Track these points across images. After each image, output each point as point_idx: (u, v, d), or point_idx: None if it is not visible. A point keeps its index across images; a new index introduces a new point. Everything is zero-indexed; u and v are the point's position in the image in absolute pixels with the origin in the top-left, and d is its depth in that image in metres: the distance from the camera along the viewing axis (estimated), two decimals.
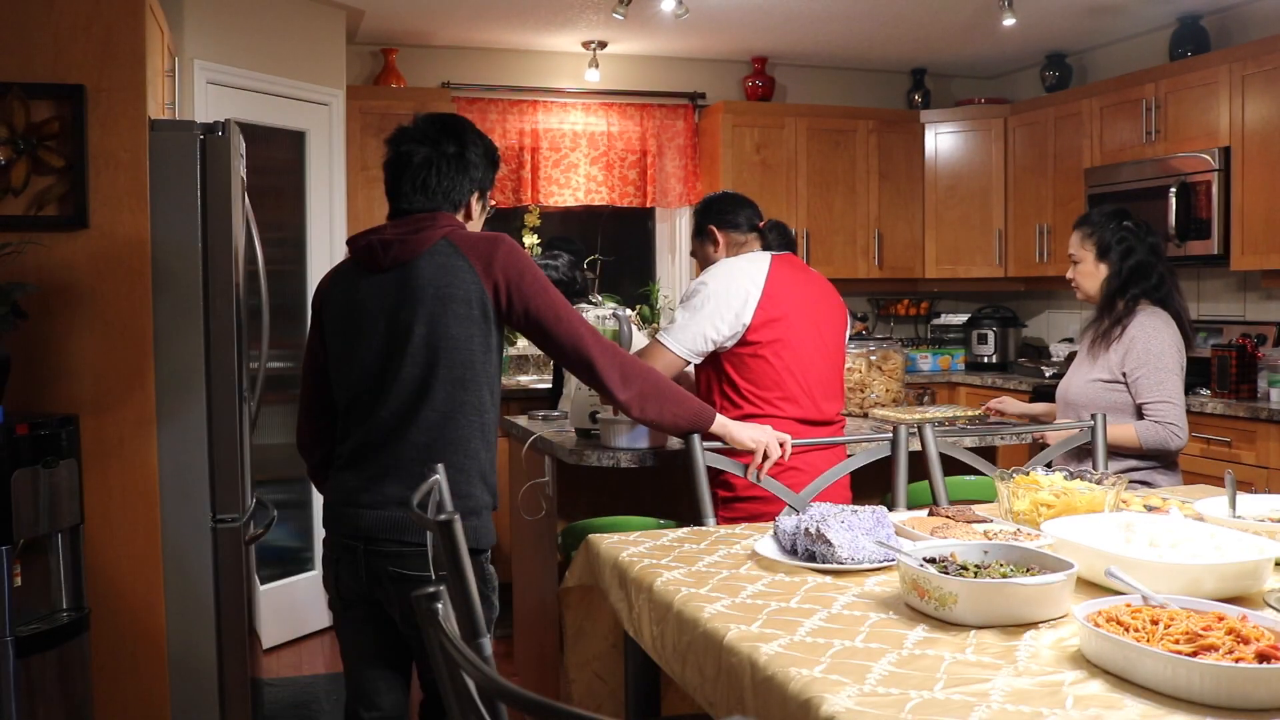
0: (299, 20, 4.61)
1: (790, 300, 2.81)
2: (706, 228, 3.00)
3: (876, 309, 6.44)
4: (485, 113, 5.66)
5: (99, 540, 2.77)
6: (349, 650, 2.25)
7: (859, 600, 1.72)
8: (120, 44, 2.77)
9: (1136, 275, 3.08)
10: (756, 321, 2.76)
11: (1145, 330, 3.00)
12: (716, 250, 2.98)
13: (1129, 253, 3.09)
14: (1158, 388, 2.96)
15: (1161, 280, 3.09)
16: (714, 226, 2.98)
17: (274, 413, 4.28)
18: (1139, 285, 3.07)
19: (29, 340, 2.70)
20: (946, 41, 5.68)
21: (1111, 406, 3.01)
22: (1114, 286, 3.10)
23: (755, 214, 3.01)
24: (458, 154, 2.22)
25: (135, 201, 2.78)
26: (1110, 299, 3.10)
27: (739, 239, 2.97)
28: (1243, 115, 4.44)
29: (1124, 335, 3.02)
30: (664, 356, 2.77)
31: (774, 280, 2.80)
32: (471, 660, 1.08)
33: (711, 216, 3.00)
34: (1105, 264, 3.13)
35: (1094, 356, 3.11)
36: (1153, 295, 3.08)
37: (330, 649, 4.37)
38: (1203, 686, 1.26)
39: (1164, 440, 2.96)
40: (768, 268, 2.82)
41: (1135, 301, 3.07)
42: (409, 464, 2.09)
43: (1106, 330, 3.07)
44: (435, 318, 2.10)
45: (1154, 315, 3.04)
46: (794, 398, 2.79)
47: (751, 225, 2.98)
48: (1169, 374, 2.98)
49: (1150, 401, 2.97)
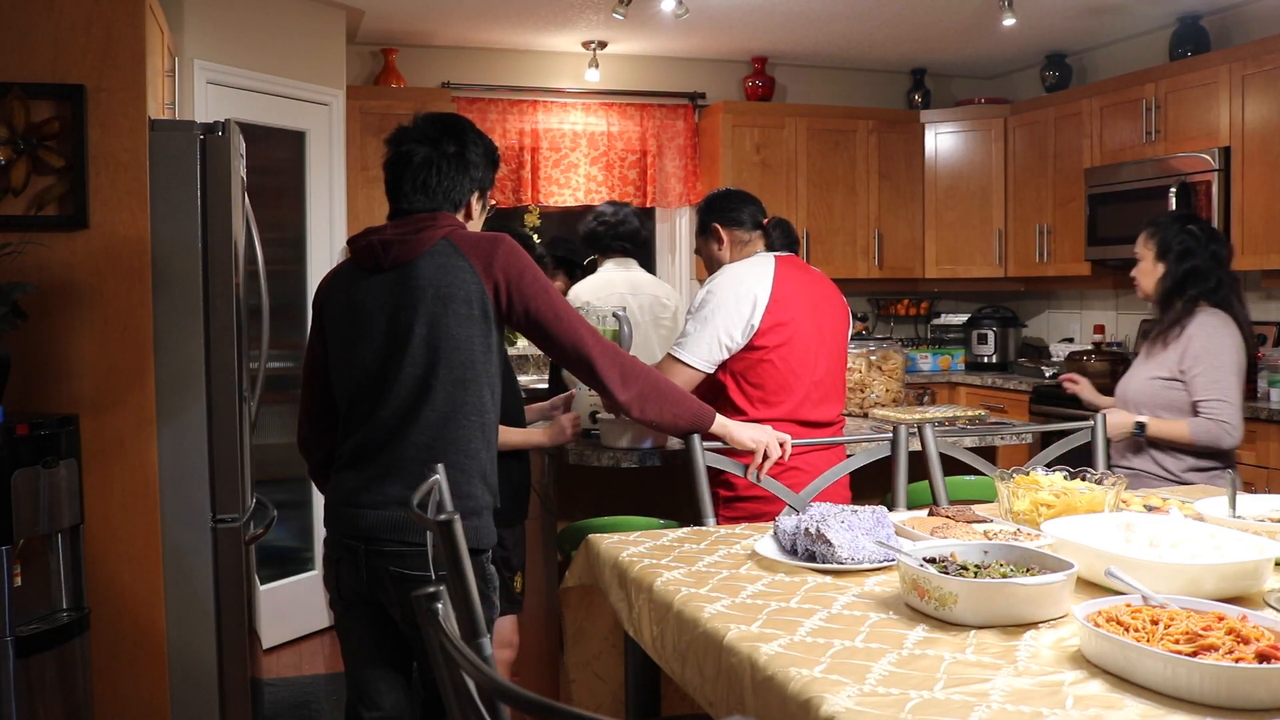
0: (299, 20, 4.61)
1: (796, 303, 2.81)
2: (711, 225, 2.99)
3: (876, 309, 6.44)
4: (485, 113, 5.66)
5: (99, 540, 2.77)
6: (350, 650, 2.25)
7: (859, 600, 1.72)
8: (120, 44, 2.77)
9: (1192, 278, 3.11)
10: (764, 326, 2.76)
11: (1205, 329, 3.04)
12: (721, 248, 2.98)
13: (1186, 255, 3.12)
14: (1214, 385, 3.00)
15: (1219, 284, 3.12)
16: (718, 224, 2.98)
17: (274, 413, 4.28)
18: (1196, 287, 3.11)
19: (29, 340, 2.70)
20: (946, 41, 5.68)
21: (1169, 404, 3.06)
22: (1168, 286, 3.14)
23: (759, 211, 3.01)
24: (458, 154, 2.22)
25: (135, 201, 2.78)
26: (1167, 298, 3.15)
27: (743, 237, 2.96)
28: (1243, 115, 4.44)
29: (1183, 334, 3.07)
30: (682, 372, 2.76)
31: (780, 283, 2.80)
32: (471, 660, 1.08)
33: (715, 214, 2.99)
34: (1163, 264, 3.16)
35: (1152, 355, 3.15)
36: (1211, 298, 3.11)
37: (330, 649, 4.37)
38: (1203, 686, 1.26)
39: (1216, 437, 2.98)
40: (773, 271, 2.83)
41: (1194, 303, 3.10)
42: (410, 464, 2.09)
43: (1165, 329, 3.12)
44: (436, 318, 2.10)
45: (1214, 315, 3.08)
46: (798, 400, 2.79)
47: (756, 223, 2.97)
48: (1226, 372, 3.01)
49: (1205, 399, 3.01)
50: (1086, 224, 5.22)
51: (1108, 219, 5.09)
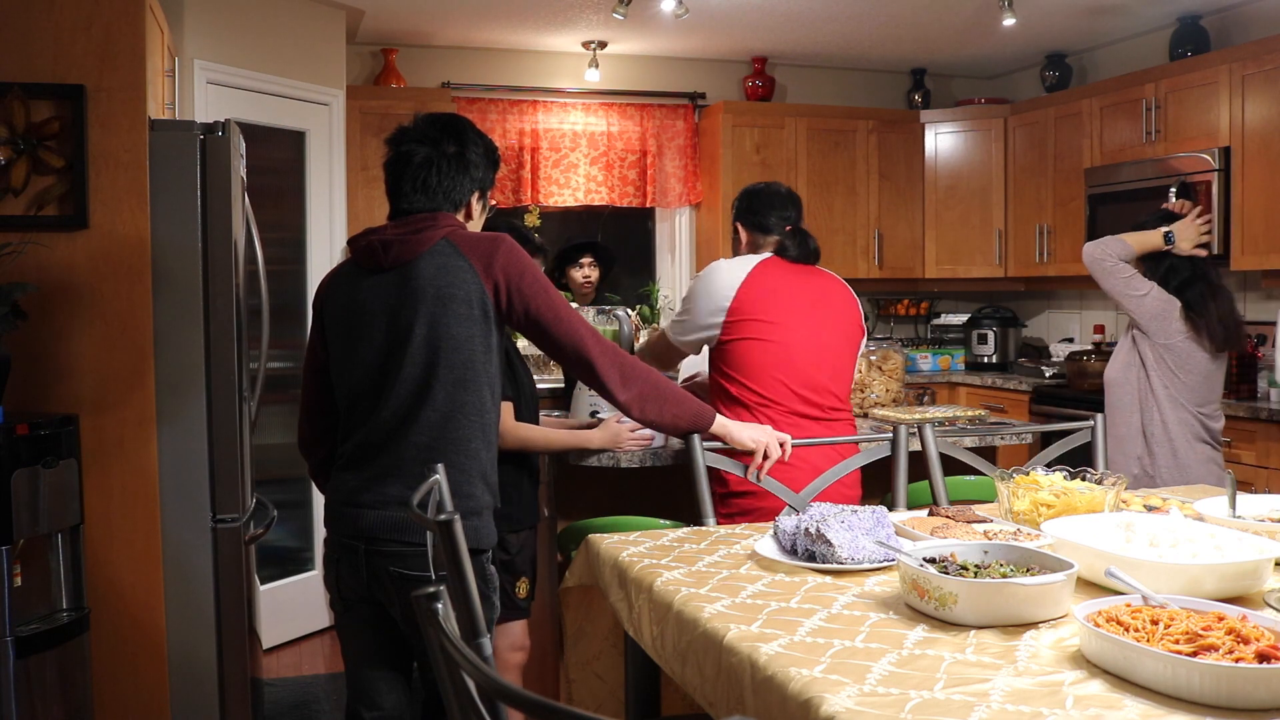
0: (299, 20, 4.61)
1: (776, 299, 2.82)
2: (735, 223, 3.05)
3: (876, 309, 6.44)
4: (485, 113, 5.66)
5: (99, 540, 2.77)
6: (350, 650, 2.25)
7: (859, 600, 1.72)
8: (120, 44, 2.77)
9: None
10: (731, 317, 2.82)
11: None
12: (741, 246, 3.04)
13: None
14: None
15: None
16: (740, 224, 3.03)
17: (274, 413, 4.28)
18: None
19: (29, 340, 2.70)
20: (946, 41, 5.68)
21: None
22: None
23: (788, 216, 2.98)
24: (458, 154, 2.22)
25: (135, 201, 2.78)
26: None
27: (761, 240, 2.98)
28: (1243, 115, 4.44)
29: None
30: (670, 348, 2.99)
31: (756, 278, 2.85)
32: (471, 660, 1.08)
33: (741, 214, 3.03)
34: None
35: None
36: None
37: (330, 649, 4.37)
38: (1203, 686, 1.26)
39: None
40: (751, 267, 2.87)
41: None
42: (410, 464, 2.09)
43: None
44: (436, 318, 2.10)
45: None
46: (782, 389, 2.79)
47: (780, 228, 2.97)
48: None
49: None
50: (1086, 224, 5.22)
51: (1108, 219, 5.09)
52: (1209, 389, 3.32)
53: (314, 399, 2.33)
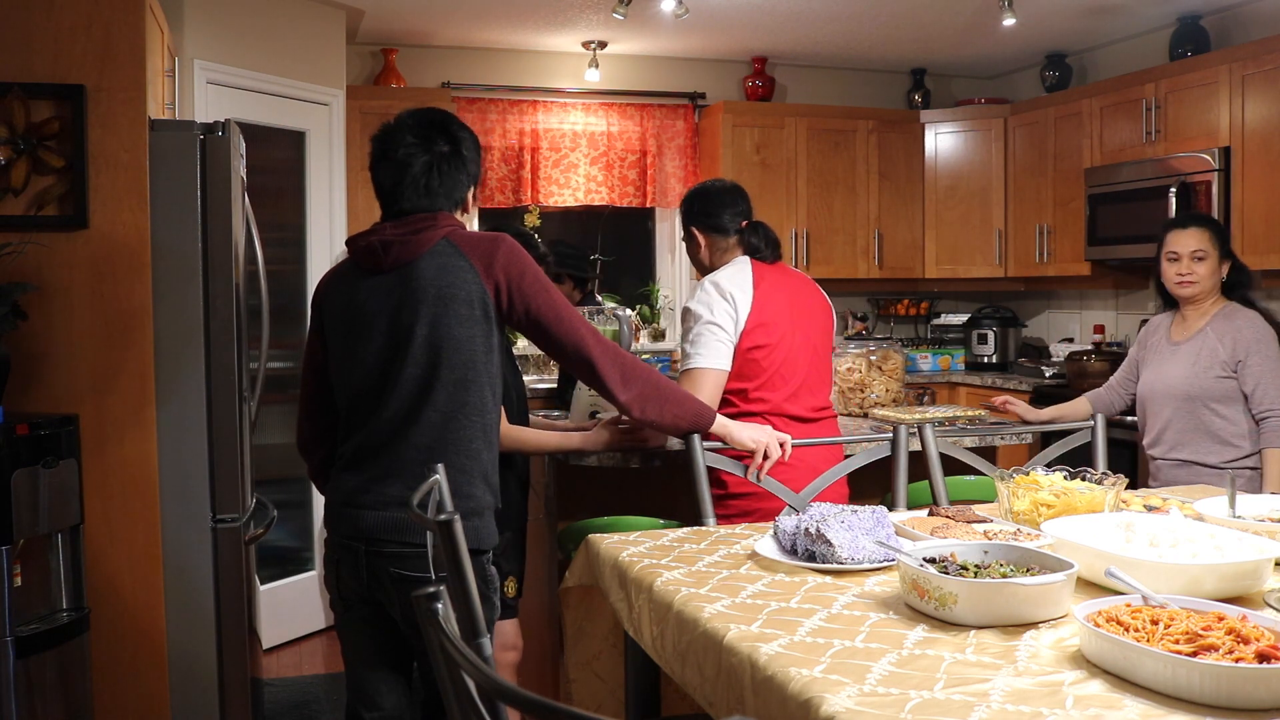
0: (299, 20, 4.61)
1: (775, 302, 2.81)
2: (690, 229, 2.95)
3: (876, 309, 6.44)
4: (485, 113, 5.66)
5: (99, 540, 2.77)
6: (350, 650, 2.25)
7: (859, 600, 1.72)
8: (120, 44, 2.77)
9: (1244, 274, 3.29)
10: (750, 325, 2.75)
11: (1254, 324, 3.15)
12: (700, 251, 2.94)
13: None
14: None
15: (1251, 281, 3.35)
16: (695, 229, 2.93)
17: (274, 413, 4.28)
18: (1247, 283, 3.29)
19: (29, 340, 2.70)
20: (946, 41, 5.68)
21: (1225, 395, 3.14)
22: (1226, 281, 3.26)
23: (739, 212, 2.91)
24: (453, 151, 2.21)
25: (135, 201, 2.78)
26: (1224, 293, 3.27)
27: (721, 243, 2.91)
28: (1243, 115, 4.44)
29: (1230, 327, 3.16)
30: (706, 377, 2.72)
31: (758, 284, 2.80)
32: (471, 660, 1.08)
33: (694, 218, 2.94)
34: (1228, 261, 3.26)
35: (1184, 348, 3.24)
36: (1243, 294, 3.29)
37: (330, 649, 4.37)
38: (1203, 686, 1.26)
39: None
40: (751, 273, 2.81)
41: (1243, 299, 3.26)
42: (410, 465, 2.09)
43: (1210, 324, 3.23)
44: (437, 318, 2.10)
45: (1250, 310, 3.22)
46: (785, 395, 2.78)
47: (735, 227, 2.90)
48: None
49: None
50: (1086, 224, 5.22)
51: (1108, 219, 5.09)
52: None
53: (313, 399, 2.33)
